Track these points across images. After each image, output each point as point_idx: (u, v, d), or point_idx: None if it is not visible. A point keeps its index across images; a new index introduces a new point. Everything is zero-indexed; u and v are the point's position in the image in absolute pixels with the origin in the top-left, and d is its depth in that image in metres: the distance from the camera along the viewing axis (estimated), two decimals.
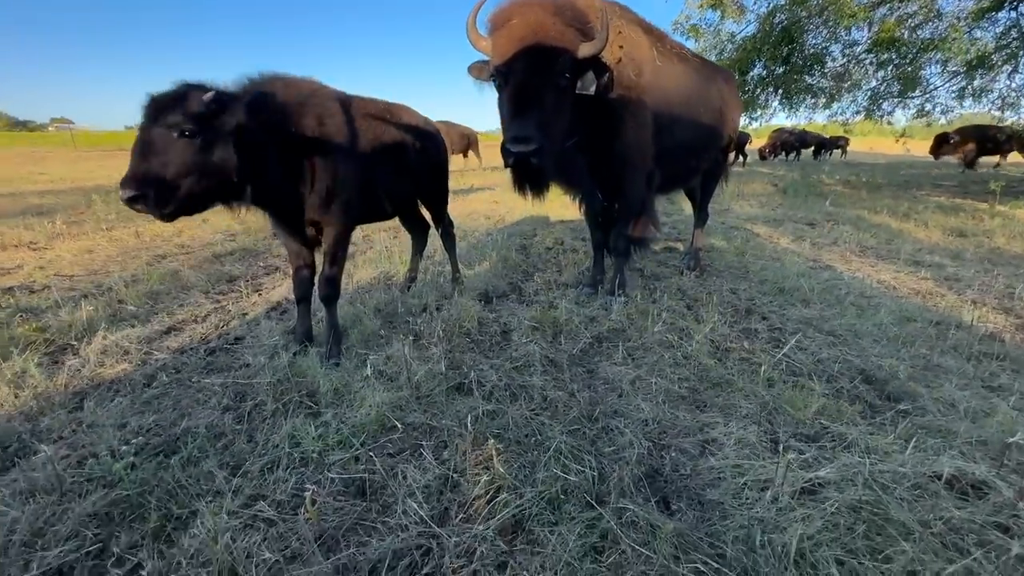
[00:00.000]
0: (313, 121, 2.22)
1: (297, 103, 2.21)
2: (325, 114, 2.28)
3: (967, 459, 1.63)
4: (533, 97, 2.21)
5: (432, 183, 3.14)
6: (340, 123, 2.33)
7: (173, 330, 2.88)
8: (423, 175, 2.98)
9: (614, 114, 2.77)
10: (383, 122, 2.63)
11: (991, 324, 2.98)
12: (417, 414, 1.94)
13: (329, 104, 2.34)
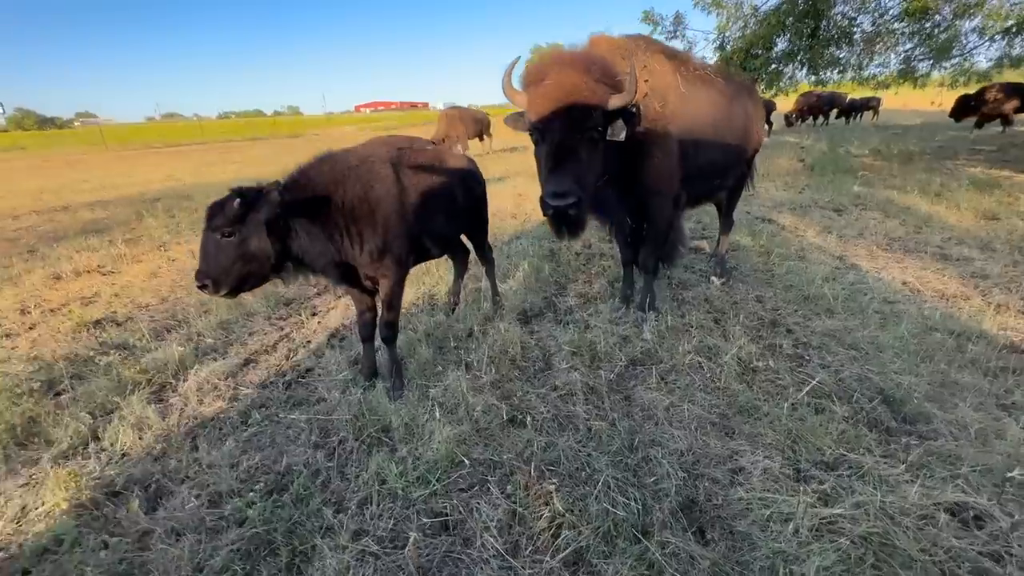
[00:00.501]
0: (359, 190, 2.48)
1: (339, 178, 2.46)
2: (373, 180, 2.54)
3: (971, 488, 1.84)
4: (569, 154, 2.40)
5: (475, 219, 3.36)
6: (388, 185, 2.58)
7: (249, 362, 3.24)
8: (467, 213, 3.21)
9: (642, 147, 2.94)
10: (431, 172, 2.85)
11: (1012, 332, 3.10)
12: (479, 448, 2.24)
13: (378, 169, 2.59)
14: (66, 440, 2.41)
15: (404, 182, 2.67)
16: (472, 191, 3.21)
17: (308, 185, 2.39)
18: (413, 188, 2.72)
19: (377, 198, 2.52)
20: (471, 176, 3.23)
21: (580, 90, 2.40)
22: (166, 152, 25.90)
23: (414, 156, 2.86)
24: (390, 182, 2.59)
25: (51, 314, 4.22)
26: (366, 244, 2.50)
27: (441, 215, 2.92)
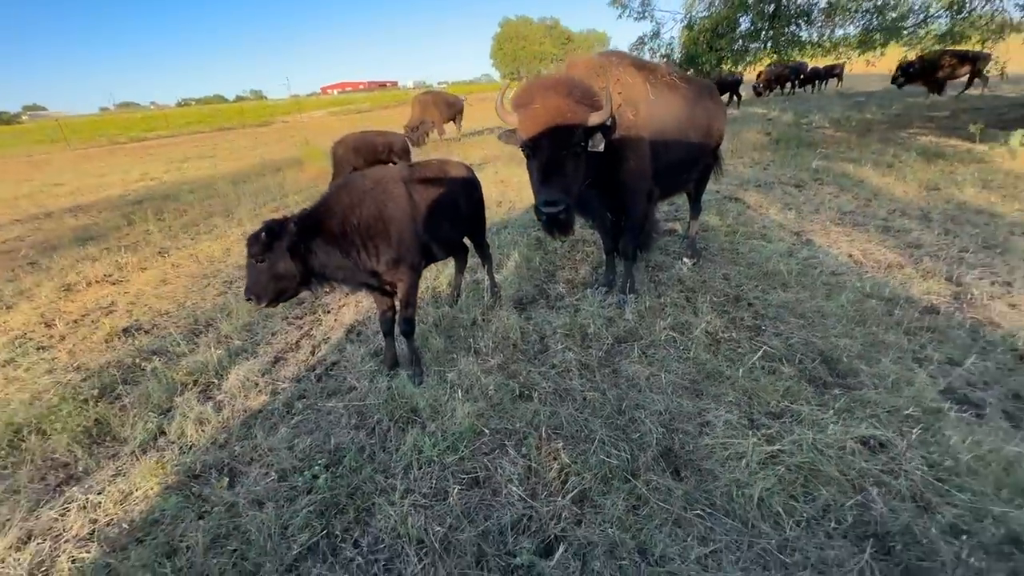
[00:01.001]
0: (374, 210, 2.87)
1: (355, 202, 2.85)
2: (387, 199, 2.93)
3: (880, 424, 2.39)
4: (556, 168, 2.81)
5: (476, 222, 3.73)
6: (401, 203, 2.97)
7: (279, 359, 3.63)
8: (469, 218, 3.60)
9: (618, 151, 3.36)
10: (438, 186, 3.24)
11: (933, 296, 3.68)
12: (495, 420, 2.71)
13: (391, 188, 2.98)
14: (138, 436, 2.80)
15: (415, 197, 3.06)
16: (472, 197, 3.60)
17: (327, 212, 2.80)
18: (423, 202, 3.11)
19: (390, 215, 2.90)
20: (471, 184, 3.60)
21: (564, 112, 2.79)
22: (133, 147, 25.21)
23: (423, 172, 3.24)
24: (402, 199, 2.98)
25: (75, 325, 4.51)
26: (383, 256, 2.89)
27: (448, 223, 3.31)
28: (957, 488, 2.05)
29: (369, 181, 2.99)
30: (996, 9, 9.81)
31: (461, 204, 3.43)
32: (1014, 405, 2.56)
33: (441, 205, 3.21)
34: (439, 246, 3.32)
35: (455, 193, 3.35)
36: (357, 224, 2.81)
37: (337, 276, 2.89)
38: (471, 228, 3.75)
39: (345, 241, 2.79)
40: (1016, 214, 5.21)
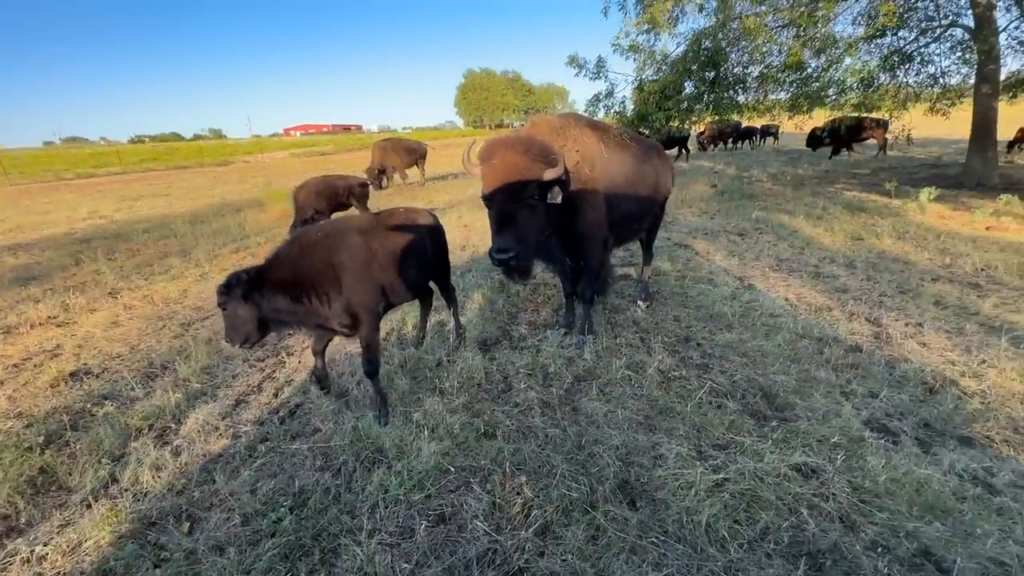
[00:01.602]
0: (324, 259, 3.04)
1: (304, 253, 3.04)
2: (338, 248, 3.10)
3: (812, 452, 2.64)
4: (509, 219, 3.06)
5: (439, 267, 3.90)
6: (354, 251, 3.14)
7: (240, 402, 3.59)
8: (434, 264, 3.77)
9: (576, 204, 3.66)
10: (398, 233, 3.43)
11: (858, 336, 4.08)
12: (460, 458, 2.79)
13: (345, 237, 3.17)
14: (88, 484, 2.70)
15: (374, 246, 3.25)
16: (436, 243, 3.78)
17: (277, 264, 3.00)
18: (383, 250, 3.29)
19: (341, 264, 3.06)
20: (435, 231, 3.79)
21: (519, 168, 3.06)
22: (81, 184, 24.24)
23: (384, 221, 3.47)
24: (357, 248, 3.16)
25: (16, 369, 4.29)
26: (334, 303, 3.04)
27: (410, 269, 3.47)
28: (877, 508, 2.29)
29: (321, 232, 3.19)
30: (900, 84, 11.25)
31: (424, 250, 3.60)
32: (925, 432, 2.88)
33: (402, 253, 3.39)
34: (401, 291, 3.46)
35: (418, 240, 3.53)
36: (306, 274, 2.98)
37: (291, 321, 3.08)
38: (435, 273, 3.91)
39: (295, 289, 2.96)
40: (926, 263, 5.87)
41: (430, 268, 3.76)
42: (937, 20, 10.16)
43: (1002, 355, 3.54)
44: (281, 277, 2.93)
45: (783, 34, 10.19)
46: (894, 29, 9.80)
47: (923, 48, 10.53)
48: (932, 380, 3.36)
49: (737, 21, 10.00)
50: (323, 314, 3.04)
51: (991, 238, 6.75)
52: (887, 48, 10.43)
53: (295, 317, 3.04)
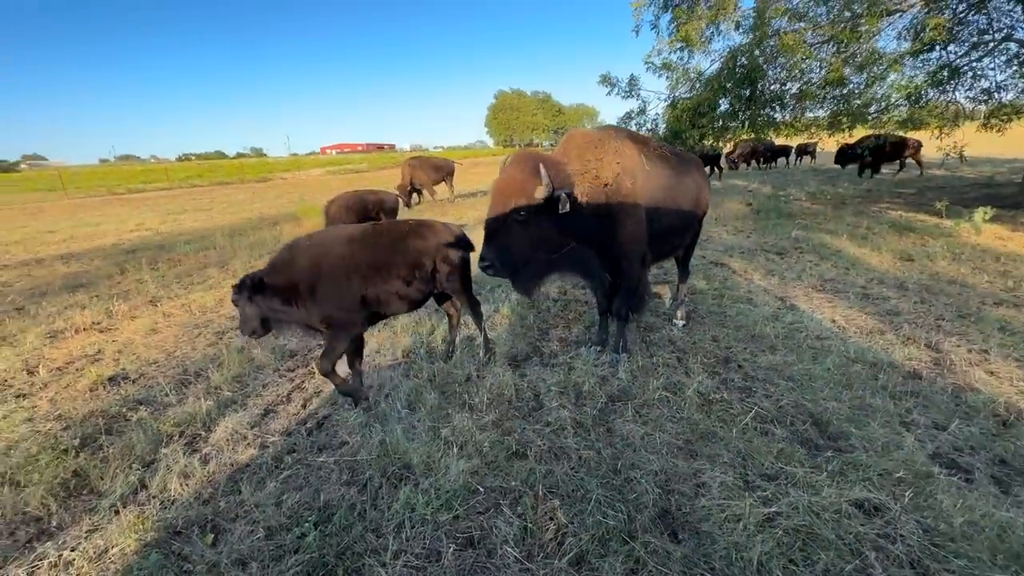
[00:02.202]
0: (307, 267, 3.23)
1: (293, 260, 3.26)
2: (322, 258, 3.27)
3: (873, 487, 2.41)
4: (493, 232, 3.14)
5: (453, 281, 3.70)
6: (336, 260, 3.26)
7: (269, 412, 3.57)
8: (440, 277, 3.61)
9: (616, 217, 3.56)
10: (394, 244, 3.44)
11: (915, 362, 3.79)
12: (490, 478, 2.67)
13: (331, 247, 3.30)
14: (118, 490, 2.70)
15: (358, 257, 3.30)
16: (449, 258, 3.62)
17: (271, 269, 3.27)
18: (372, 262, 3.33)
19: (318, 271, 3.22)
20: (449, 246, 3.63)
21: (512, 183, 3.14)
22: (130, 198, 25.54)
23: (380, 231, 3.50)
24: (340, 258, 3.26)
25: (59, 373, 4.42)
26: (312, 309, 3.24)
27: (405, 282, 3.44)
28: (953, 554, 2.05)
29: (311, 240, 3.40)
30: (950, 99, 10.78)
31: (424, 264, 3.51)
32: (1001, 470, 2.60)
33: (395, 264, 3.39)
34: (394, 303, 3.49)
35: (417, 253, 3.48)
36: (293, 278, 3.21)
37: (285, 320, 3.35)
38: (449, 287, 3.73)
39: (285, 292, 3.21)
40: (986, 286, 5.48)
41: (434, 282, 3.63)
42: (990, 33, 9.73)
43: None
44: (274, 281, 3.20)
45: (823, 50, 9.94)
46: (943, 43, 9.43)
47: (975, 62, 10.08)
48: (1005, 412, 3.06)
49: (775, 38, 9.82)
50: (304, 316, 3.29)
51: None
52: (935, 63, 10.02)
53: (288, 317, 3.31)
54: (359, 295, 3.31)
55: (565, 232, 3.33)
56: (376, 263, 3.34)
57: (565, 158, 3.47)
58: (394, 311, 3.61)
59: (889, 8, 9.27)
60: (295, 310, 3.24)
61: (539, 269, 3.44)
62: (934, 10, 9.24)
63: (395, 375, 3.89)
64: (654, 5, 11.36)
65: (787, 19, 9.98)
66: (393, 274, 3.39)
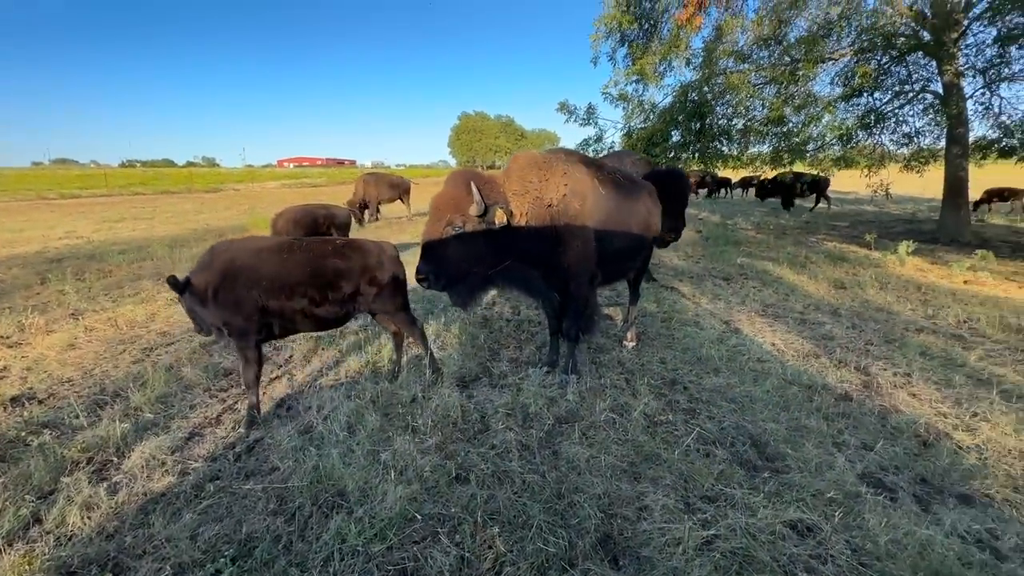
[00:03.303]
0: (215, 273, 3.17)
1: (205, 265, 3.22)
2: (225, 263, 3.21)
3: (806, 508, 2.46)
4: (429, 247, 3.25)
5: (381, 301, 3.61)
6: (239, 271, 3.19)
7: (195, 435, 3.31)
8: (363, 297, 3.53)
9: (564, 237, 3.59)
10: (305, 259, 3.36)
11: (847, 384, 3.98)
12: (429, 504, 2.55)
13: (239, 256, 3.25)
14: (4, 525, 2.39)
15: (265, 270, 3.23)
16: (376, 281, 3.54)
17: (195, 268, 3.25)
18: (279, 276, 3.25)
19: (219, 278, 3.16)
20: (375, 266, 3.55)
21: (446, 200, 3.27)
22: (61, 204, 23.79)
23: (296, 245, 3.41)
24: (240, 268, 3.21)
25: None
26: (215, 311, 3.18)
27: (315, 300, 3.36)
28: (879, 573, 2.11)
29: (228, 246, 3.36)
30: (876, 142, 11.73)
31: (347, 285, 3.44)
32: (922, 489, 2.72)
33: (305, 281, 3.33)
34: (300, 321, 3.43)
35: (336, 273, 3.41)
36: (206, 281, 3.16)
37: (205, 319, 3.29)
38: (378, 308, 3.66)
39: (199, 293, 3.17)
40: (909, 313, 5.88)
41: (354, 303, 3.54)
42: (910, 84, 10.72)
43: (994, 409, 3.45)
44: (194, 280, 3.17)
45: (766, 90, 10.64)
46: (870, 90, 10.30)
47: (898, 109, 11.06)
48: (926, 433, 3.24)
49: (722, 76, 10.45)
50: (212, 318, 3.24)
51: (970, 291, 6.84)
52: (863, 108, 10.93)
53: (203, 316, 3.26)
54: (257, 306, 3.24)
55: (502, 249, 3.42)
56: (281, 278, 3.27)
57: (505, 178, 3.56)
58: (301, 329, 3.54)
59: (823, 56, 10.08)
60: (206, 311, 3.21)
61: (475, 284, 3.52)
62: (862, 60, 10.12)
63: (336, 396, 3.71)
64: (611, 39, 11.88)
65: (733, 60, 10.64)
66: (299, 291, 3.32)
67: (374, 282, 3.55)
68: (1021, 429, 3.22)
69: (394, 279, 3.68)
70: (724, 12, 10.98)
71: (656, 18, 11.49)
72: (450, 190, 3.31)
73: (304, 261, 3.36)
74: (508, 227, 3.34)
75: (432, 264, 3.24)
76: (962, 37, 9.63)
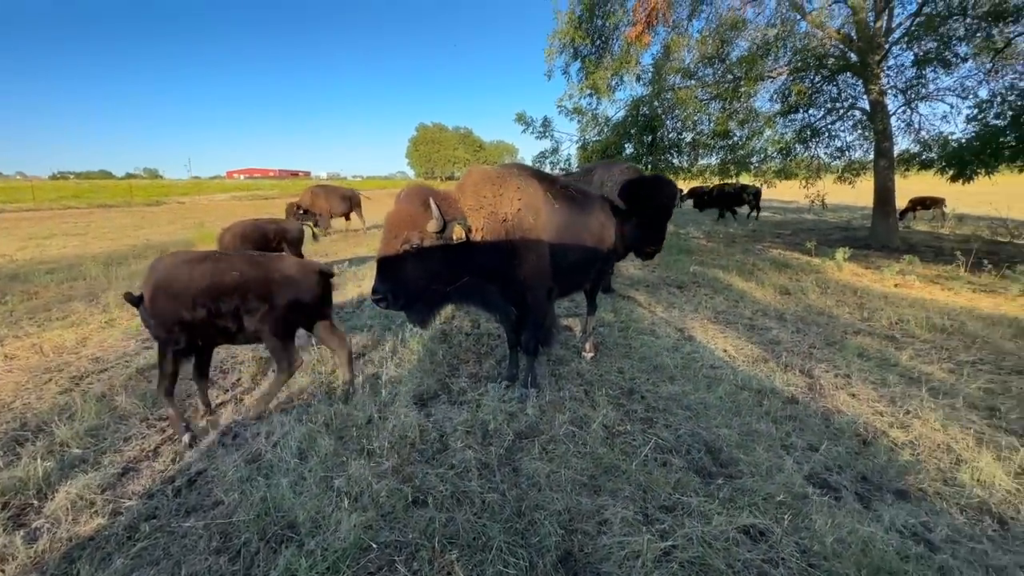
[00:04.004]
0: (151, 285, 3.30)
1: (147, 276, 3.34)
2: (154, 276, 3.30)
3: (758, 512, 2.54)
4: (385, 266, 3.19)
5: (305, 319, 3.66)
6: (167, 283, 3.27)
7: (129, 471, 3.07)
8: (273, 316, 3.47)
9: (519, 251, 3.60)
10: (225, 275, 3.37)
11: (793, 387, 4.16)
12: (385, 532, 2.46)
13: (175, 268, 3.30)
14: None
15: (182, 283, 3.27)
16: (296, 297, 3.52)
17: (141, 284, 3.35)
18: (194, 291, 3.27)
19: (153, 293, 3.25)
20: (292, 284, 3.51)
21: (402, 217, 3.21)
22: None
23: (216, 262, 3.40)
24: (163, 279, 3.27)
25: None
26: (150, 322, 3.30)
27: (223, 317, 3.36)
28: (826, 573, 2.19)
29: (168, 258, 3.41)
30: (813, 155, 12.50)
31: (247, 299, 3.39)
32: (863, 487, 2.87)
33: (215, 296, 3.32)
34: (214, 335, 3.48)
35: (244, 288, 3.38)
36: (143, 292, 3.28)
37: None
38: (304, 325, 3.75)
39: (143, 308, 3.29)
40: (847, 317, 6.23)
41: (265, 320, 3.46)
42: (840, 101, 11.51)
43: (924, 406, 3.69)
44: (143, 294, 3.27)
45: (712, 105, 11.16)
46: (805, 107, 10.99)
47: (830, 125, 11.84)
48: (865, 432, 3.42)
49: (671, 92, 10.88)
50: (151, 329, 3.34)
51: (900, 294, 7.34)
52: (800, 123, 11.64)
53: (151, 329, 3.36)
54: (179, 318, 3.28)
55: (459, 265, 3.40)
56: (201, 291, 3.29)
57: (460, 193, 3.54)
58: (222, 342, 3.61)
59: (763, 74, 10.68)
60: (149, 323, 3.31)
61: (433, 301, 3.49)
62: (797, 79, 10.78)
63: (287, 420, 3.54)
64: (565, 54, 12.17)
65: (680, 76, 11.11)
66: (214, 304, 3.33)
67: (291, 299, 3.51)
68: (948, 424, 3.45)
69: (315, 296, 3.65)
70: (671, 31, 11.49)
71: (607, 35, 11.87)
72: (405, 206, 3.25)
73: (221, 276, 3.37)
74: (466, 243, 3.32)
75: (389, 283, 3.17)
76: (884, 59, 10.44)
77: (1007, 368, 4.56)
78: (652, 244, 5.23)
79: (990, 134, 8.49)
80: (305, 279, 3.62)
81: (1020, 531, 2.50)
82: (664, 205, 5.13)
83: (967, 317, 6.04)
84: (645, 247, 5.26)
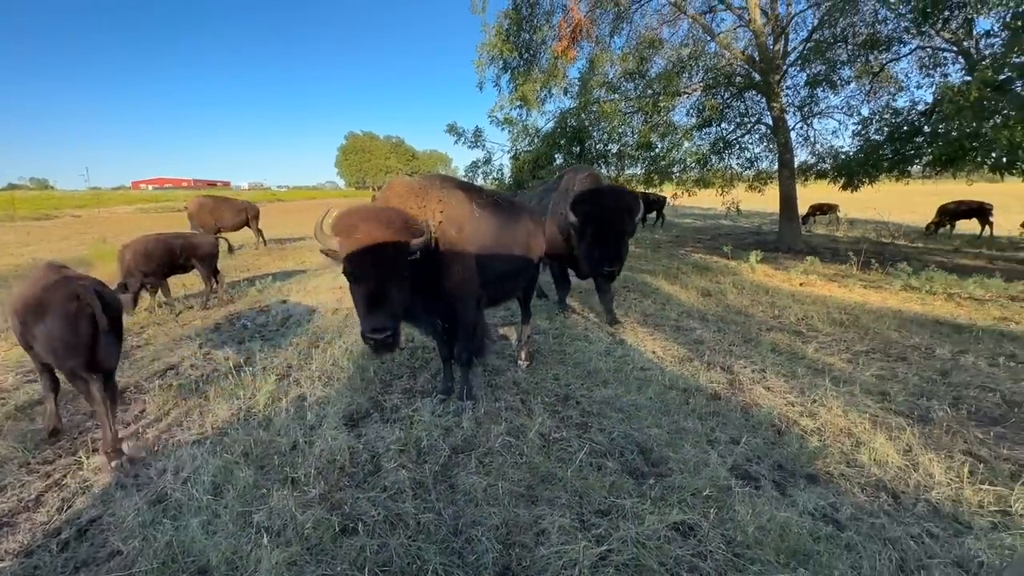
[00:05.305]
0: None
1: None
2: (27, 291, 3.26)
3: (687, 508, 2.63)
4: (382, 295, 2.90)
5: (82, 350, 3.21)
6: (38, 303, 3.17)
7: (3, 525, 2.67)
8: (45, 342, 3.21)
9: (443, 264, 3.54)
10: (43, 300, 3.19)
11: (715, 384, 4.39)
12: (311, 567, 2.30)
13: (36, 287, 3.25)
14: None
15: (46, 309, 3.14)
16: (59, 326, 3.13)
17: None
18: (39, 309, 3.17)
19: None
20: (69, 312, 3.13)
21: (390, 243, 2.95)
22: None
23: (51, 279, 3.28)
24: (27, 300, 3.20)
25: None
26: None
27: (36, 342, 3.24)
28: (750, 561, 2.30)
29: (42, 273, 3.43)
30: (726, 165, 13.48)
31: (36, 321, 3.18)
32: (779, 474, 3.06)
33: (32, 321, 3.19)
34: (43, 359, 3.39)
35: (49, 314, 3.14)
36: None
37: None
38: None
39: None
40: (761, 315, 6.72)
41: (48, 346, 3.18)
42: (748, 117, 12.53)
43: (828, 395, 4.02)
44: None
45: (634, 118, 11.73)
46: (717, 121, 11.85)
47: (740, 138, 12.84)
48: (779, 422, 3.67)
49: (596, 105, 11.31)
50: None
51: (805, 292, 8.02)
52: (714, 136, 12.53)
53: None
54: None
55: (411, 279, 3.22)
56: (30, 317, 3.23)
57: (384, 205, 3.41)
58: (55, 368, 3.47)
59: (679, 90, 11.40)
60: None
61: None
62: (710, 95, 11.60)
63: (199, 452, 3.24)
64: (494, 66, 12.33)
65: (605, 90, 11.60)
66: (29, 331, 3.25)
67: (35, 320, 3.20)
68: (848, 410, 3.79)
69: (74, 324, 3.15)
70: (595, 47, 11.99)
71: (535, 48, 12.19)
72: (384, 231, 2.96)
73: (35, 299, 3.24)
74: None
75: (389, 316, 2.90)
76: (783, 79, 11.51)
77: (894, 355, 5.10)
78: (607, 263, 5.14)
79: (871, 147, 9.59)
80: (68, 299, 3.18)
81: (909, 503, 2.77)
82: (613, 218, 5.01)
83: (860, 311, 6.70)
84: (601, 266, 5.17)
